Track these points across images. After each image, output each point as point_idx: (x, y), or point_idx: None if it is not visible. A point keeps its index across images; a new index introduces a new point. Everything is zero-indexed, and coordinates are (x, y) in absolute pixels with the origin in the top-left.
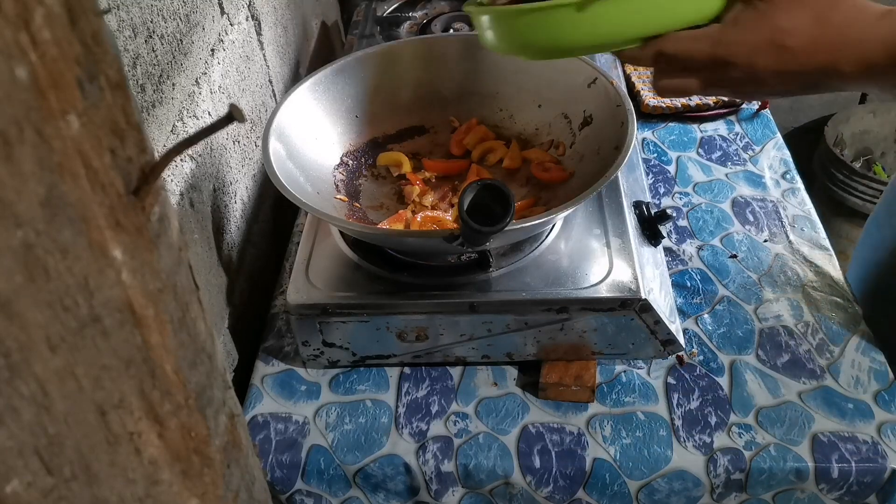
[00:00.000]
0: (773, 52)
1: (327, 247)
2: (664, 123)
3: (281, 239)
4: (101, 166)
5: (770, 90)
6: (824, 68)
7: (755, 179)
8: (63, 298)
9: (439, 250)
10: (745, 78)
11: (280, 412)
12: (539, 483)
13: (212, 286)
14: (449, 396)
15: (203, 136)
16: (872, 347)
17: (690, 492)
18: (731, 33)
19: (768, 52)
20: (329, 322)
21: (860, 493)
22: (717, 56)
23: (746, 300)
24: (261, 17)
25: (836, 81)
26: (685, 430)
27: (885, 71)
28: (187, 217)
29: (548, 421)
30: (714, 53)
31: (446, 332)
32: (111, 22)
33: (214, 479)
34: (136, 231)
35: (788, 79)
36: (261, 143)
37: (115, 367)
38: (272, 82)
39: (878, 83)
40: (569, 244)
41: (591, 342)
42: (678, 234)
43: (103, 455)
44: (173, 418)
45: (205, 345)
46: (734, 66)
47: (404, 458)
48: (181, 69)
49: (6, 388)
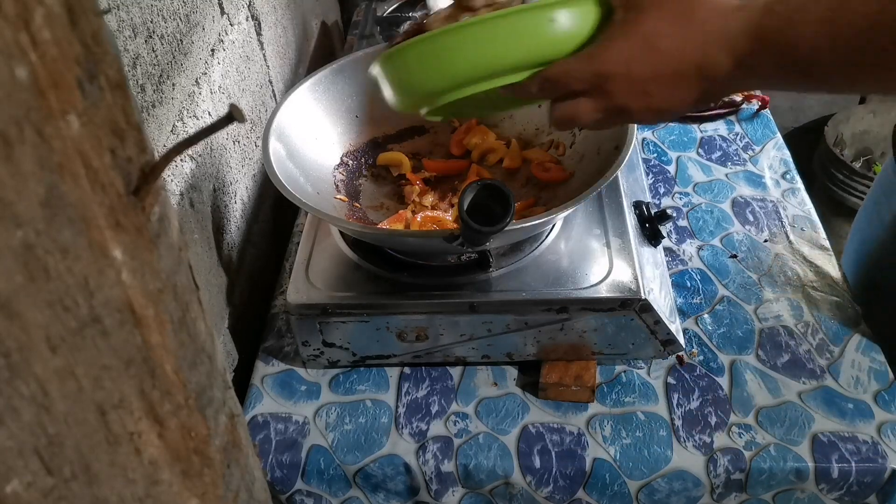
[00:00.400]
0: (646, 57)
1: (327, 247)
2: (664, 123)
3: (281, 239)
4: (101, 166)
5: (663, 103)
6: (699, 65)
7: (755, 179)
8: (63, 298)
9: (439, 250)
10: (629, 90)
11: (280, 412)
12: (539, 483)
13: (212, 286)
14: (449, 396)
15: (203, 136)
16: (872, 347)
17: (690, 492)
18: (606, 47)
19: (642, 58)
20: (329, 322)
21: (860, 493)
22: (597, 71)
23: (746, 300)
24: (261, 17)
25: (721, 80)
26: (685, 430)
27: (756, 61)
28: (187, 217)
29: (548, 421)
30: (593, 69)
31: (446, 332)
32: (111, 22)
33: (214, 479)
34: (136, 231)
35: (670, 83)
36: (261, 143)
37: (115, 367)
38: (272, 82)
39: (758, 75)
40: (569, 244)
41: (591, 342)
42: (678, 234)
43: (103, 455)
44: (173, 418)
45: (205, 345)
46: (614, 78)
47: (404, 458)
48: (181, 69)
49: (6, 388)
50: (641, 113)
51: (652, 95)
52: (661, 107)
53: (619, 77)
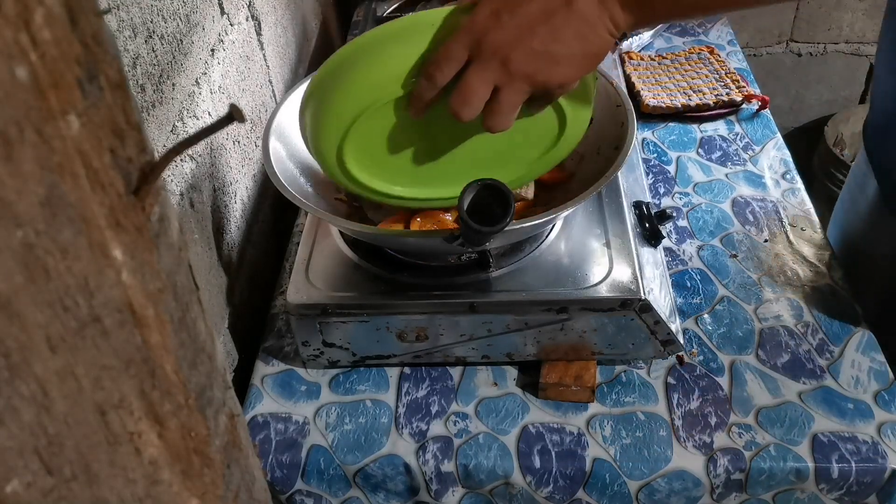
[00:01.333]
0: (509, 4)
1: (327, 247)
2: (664, 123)
3: (281, 239)
4: (101, 166)
5: (550, 45)
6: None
7: (755, 179)
8: (63, 298)
9: (439, 250)
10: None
11: (280, 412)
12: (539, 483)
13: (212, 286)
14: (449, 396)
15: (203, 136)
16: (872, 347)
17: (690, 492)
18: (472, 13)
19: (507, 5)
20: (329, 322)
21: (860, 493)
22: (469, 30)
23: (746, 300)
24: (261, 17)
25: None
26: (685, 430)
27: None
28: (187, 217)
29: (548, 421)
30: (467, 33)
31: (446, 333)
32: (111, 22)
33: (214, 479)
34: (136, 231)
35: (542, 20)
36: (261, 143)
37: (115, 367)
38: (272, 82)
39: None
40: (569, 244)
41: (591, 342)
42: (678, 234)
43: (103, 455)
44: (173, 418)
45: (205, 345)
46: (488, 32)
47: (404, 458)
48: (181, 69)
49: (6, 388)
50: (531, 62)
51: (533, 39)
52: (550, 50)
53: (493, 29)
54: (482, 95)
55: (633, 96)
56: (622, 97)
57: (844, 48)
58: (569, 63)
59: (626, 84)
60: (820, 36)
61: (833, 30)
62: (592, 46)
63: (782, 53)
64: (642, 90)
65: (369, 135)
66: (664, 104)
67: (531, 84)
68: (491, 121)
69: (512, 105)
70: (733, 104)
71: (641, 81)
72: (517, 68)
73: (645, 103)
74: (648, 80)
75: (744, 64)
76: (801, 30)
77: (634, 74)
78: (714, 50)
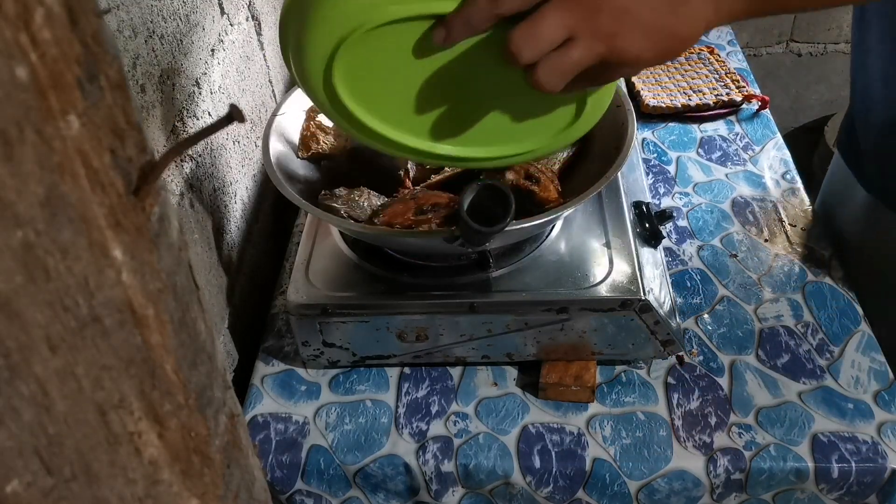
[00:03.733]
0: None
1: (327, 247)
2: (664, 123)
3: (281, 239)
4: (101, 166)
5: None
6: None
7: (755, 179)
8: (63, 298)
9: (439, 250)
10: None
11: (280, 412)
12: (539, 483)
13: (212, 286)
14: (449, 396)
15: (203, 136)
16: (872, 347)
17: (690, 492)
18: None
19: None
20: (329, 322)
21: (860, 493)
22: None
23: (746, 300)
24: (261, 17)
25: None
26: (685, 430)
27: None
28: (187, 217)
29: (548, 421)
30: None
31: (446, 333)
32: (111, 22)
33: (214, 479)
34: (136, 231)
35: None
36: (261, 143)
37: (115, 367)
38: (272, 82)
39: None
40: (569, 244)
41: (591, 342)
42: (678, 234)
43: (103, 455)
44: (173, 418)
45: (205, 345)
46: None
47: (404, 458)
48: (181, 69)
49: (6, 388)
50: (618, 22)
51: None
52: (641, 15)
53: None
54: (553, 40)
55: (633, 96)
56: (622, 97)
57: (844, 48)
58: (651, 36)
59: (626, 84)
60: (820, 36)
61: (833, 30)
62: (682, 25)
63: (782, 53)
64: (642, 90)
65: (369, 56)
66: (664, 104)
67: (608, 48)
68: (545, 75)
69: (578, 64)
70: (733, 104)
71: (641, 81)
72: (603, 23)
73: (645, 103)
74: (648, 79)
75: (744, 64)
76: (801, 30)
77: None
78: (714, 50)
